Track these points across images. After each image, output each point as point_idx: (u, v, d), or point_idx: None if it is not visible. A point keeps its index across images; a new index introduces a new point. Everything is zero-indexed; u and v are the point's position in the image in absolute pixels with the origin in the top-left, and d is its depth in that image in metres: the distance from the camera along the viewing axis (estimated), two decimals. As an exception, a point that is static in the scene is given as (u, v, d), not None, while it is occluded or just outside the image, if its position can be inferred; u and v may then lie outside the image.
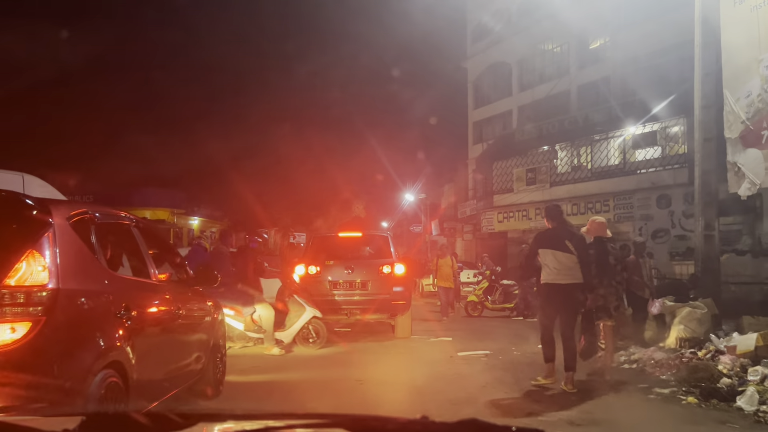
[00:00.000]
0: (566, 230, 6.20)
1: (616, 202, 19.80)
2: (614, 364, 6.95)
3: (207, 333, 5.10)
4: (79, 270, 3.41)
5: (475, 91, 37.31)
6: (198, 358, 4.83)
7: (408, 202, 44.48)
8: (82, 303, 3.35)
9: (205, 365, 5.01)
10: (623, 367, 6.94)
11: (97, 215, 3.83)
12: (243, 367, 7.01)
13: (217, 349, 5.34)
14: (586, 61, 28.69)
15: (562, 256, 5.92)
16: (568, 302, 5.98)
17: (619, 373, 6.70)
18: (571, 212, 21.32)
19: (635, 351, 7.38)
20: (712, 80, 8.98)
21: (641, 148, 20.43)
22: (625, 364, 7.01)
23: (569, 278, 5.90)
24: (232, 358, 6.46)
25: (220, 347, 5.48)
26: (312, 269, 9.52)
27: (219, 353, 5.43)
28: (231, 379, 5.88)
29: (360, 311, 9.52)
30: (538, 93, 31.19)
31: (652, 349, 7.04)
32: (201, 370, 4.94)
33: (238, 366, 6.80)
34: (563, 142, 23.09)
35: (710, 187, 8.98)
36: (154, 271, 4.33)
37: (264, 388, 6.24)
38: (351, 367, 7.34)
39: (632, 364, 6.92)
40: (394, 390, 6.15)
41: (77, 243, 3.45)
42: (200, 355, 4.87)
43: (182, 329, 4.55)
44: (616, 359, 7.13)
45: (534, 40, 32.37)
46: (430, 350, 8.89)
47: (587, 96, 27.61)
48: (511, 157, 24.98)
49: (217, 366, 5.37)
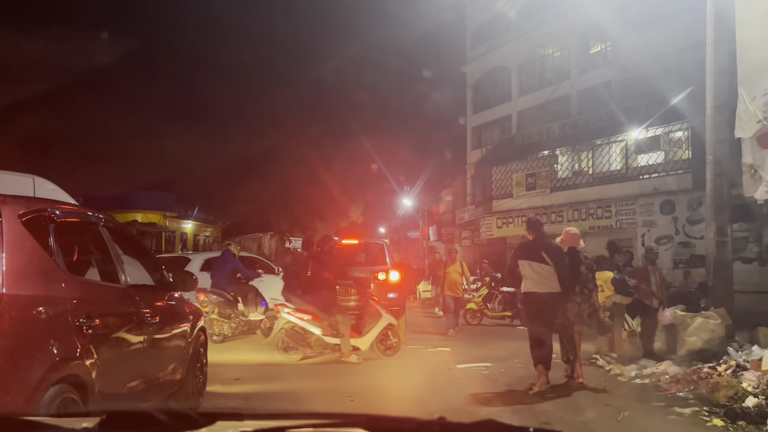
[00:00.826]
0: (543, 242, 6.45)
1: (618, 208, 19.40)
2: (626, 379, 6.53)
3: (185, 341, 4.80)
4: (31, 273, 3.10)
5: (474, 95, 36.97)
6: (175, 368, 4.55)
7: (406, 208, 44.16)
8: (33, 310, 3.00)
9: (185, 375, 4.74)
10: (635, 382, 6.47)
11: (57, 213, 3.52)
12: (226, 377, 6.56)
13: (197, 359, 5.07)
14: (587, 66, 28.36)
15: (538, 267, 6.19)
16: (546, 310, 6.21)
17: (632, 388, 6.25)
18: (572, 218, 20.95)
19: (647, 364, 6.93)
20: (725, 79, 8.60)
21: (644, 153, 20.06)
22: (637, 379, 6.55)
23: (546, 287, 6.15)
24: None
25: (200, 356, 5.21)
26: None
27: (199, 362, 5.17)
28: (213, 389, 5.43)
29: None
30: (537, 98, 30.85)
31: (666, 363, 6.59)
32: (180, 381, 4.65)
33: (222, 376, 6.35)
34: (564, 147, 22.69)
35: (722, 190, 8.57)
36: (124, 275, 4.00)
37: (246, 397, 5.95)
38: (343, 378, 6.91)
39: (644, 379, 6.46)
40: (388, 407, 5.68)
41: (29, 243, 3.13)
42: (177, 366, 4.59)
43: (156, 338, 4.21)
44: (627, 373, 6.70)
45: (534, 45, 32.08)
46: (426, 362, 8.42)
47: (588, 101, 27.27)
48: (510, 162, 24.61)
49: (197, 376, 5.10)
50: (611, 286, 7.66)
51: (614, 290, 7.67)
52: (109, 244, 3.97)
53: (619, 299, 7.72)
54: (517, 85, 33.60)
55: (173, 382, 4.54)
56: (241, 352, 8.77)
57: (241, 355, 8.47)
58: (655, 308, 7.91)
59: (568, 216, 21.16)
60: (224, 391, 6.08)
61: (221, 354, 8.06)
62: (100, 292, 3.78)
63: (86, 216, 4.02)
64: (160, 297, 4.55)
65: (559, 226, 21.46)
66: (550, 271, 6.12)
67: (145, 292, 4.28)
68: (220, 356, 7.60)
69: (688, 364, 6.50)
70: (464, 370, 7.57)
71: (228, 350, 8.87)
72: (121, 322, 3.80)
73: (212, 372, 5.60)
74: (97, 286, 3.84)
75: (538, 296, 6.17)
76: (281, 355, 8.04)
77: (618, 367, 7.02)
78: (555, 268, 6.13)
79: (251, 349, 8.99)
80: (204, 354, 5.34)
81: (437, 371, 7.50)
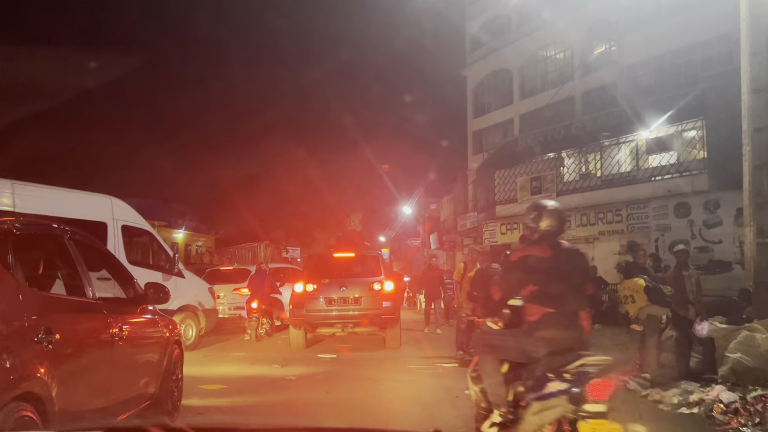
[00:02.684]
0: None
1: (629, 212, 18.37)
2: (668, 407, 5.48)
3: (158, 355, 4.76)
4: None
5: (474, 99, 36.10)
6: (147, 383, 4.53)
7: (405, 215, 43.19)
8: None
9: (159, 390, 4.71)
10: (681, 412, 5.38)
11: (17, 225, 3.60)
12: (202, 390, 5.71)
13: (171, 372, 4.99)
14: (591, 67, 27.48)
15: None
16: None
17: (680, 421, 5.18)
18: (581, 223, 19.94)
19: (689, 387, 5.84)
20: (761, 60, 7.62)
21: (655, 153, 19.06)
22: (683, 407, 5.44)
23: None
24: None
25: (175, 369, 5.13)
26: (309, 287, 10.32)
27: (174, 376, 5.08)
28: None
29: (353, 324, 10.26)
30: (540, 100, 29.98)
31: (719, 388, 5.48)
32: (153, 395, 4.62)
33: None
34: (570, 149, 21.70)
35: (762, 185, 7.56)
36: (91, 288, 3.92)
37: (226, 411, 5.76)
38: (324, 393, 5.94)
39: (692, 408, 5.36)
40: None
41: None
42: (149, 380, 4.57)
43: (125, 352, 4.18)
44: (669, 399, 5.63)
45: (535, 47, 31.26)
46: (429, 386, 7.36)
47: (592, 102, 26.37)
48: (514, 166, 23.61)
49: (172, 390, 5.03)
50: (644, 295, 6.61)
51: (648, 300, 6.62)
52: (75, 257, 3.92)
53: (655, 311, 6.66)
54: (519, 88, 32.74)
55: (146, 396, 4.51)
56: (224, 365, 8.67)
57: (225, 368, 8.33)
58: (691, 319, 6.84)
59: (576, 221, 20.12)
60: (201, 404, 5.84)
61: (200, 366, 7.83)
62: (63, 306, 3.71)
63: (50, 229, 3.97)
64: (131, 310, 4.52)
65: (567, 231, 20.46)
66: None
67: (114, 306, 4.28)
68: (200, 368, 7.43)
69: (743, 390, 5.42)
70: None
71: (213, 362, 8.88)
72: (87, 336, 3.76)
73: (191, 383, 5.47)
74: (61, 300, 3.78)
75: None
76: None
77: (656, 392, 5.91)
78: None
79: (231, 361, 8.98)
80: (179, 367, 5.26)
81: (441, 399, 6.45)
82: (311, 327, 10.40)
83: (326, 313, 10.25)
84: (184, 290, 10.12)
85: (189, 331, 10.14)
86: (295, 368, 8.32)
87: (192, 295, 10.43)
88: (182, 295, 9.93)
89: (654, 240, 17.45)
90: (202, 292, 10.93)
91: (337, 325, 10.35)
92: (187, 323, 10.09)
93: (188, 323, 10.13)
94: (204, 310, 10.58)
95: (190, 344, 9.88)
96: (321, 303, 10.28)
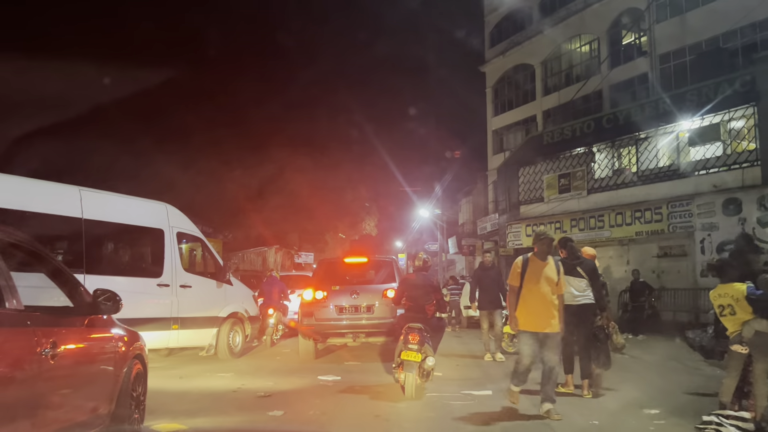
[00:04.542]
0: (576, 257, 6.91)
1: (670, 210, 16.64)
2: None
3: (110, 373, 4.25)
4: None
5: (494, 96, 34.58)
6: (94, 407, 4.03)
7: (422, 219, 41.65)
8: None
9: (113, 410, 4.22)
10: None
11: None
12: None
13: (130, 392, 4.52)
14: (620, 58, 25.82)
15: (574, 281, 6.68)
16: (584, 320, 6.70)
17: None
18: (615, 222, 18.26)
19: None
20: None
21: (698, 145, 17.33)
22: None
23: (584, 299, 6.74)
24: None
25: (135, 388, 4.67)
26: (319, 294, 9.81)
27: (135, 393, 4.63)
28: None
29: (366, 335, 9.70)
30: (564, 96, 28.44)
31: None
32: (107, 416, 4.16)
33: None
34: (602, 143, 20.00)
35: None
36: (14, 297, 3.33)
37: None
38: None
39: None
40: None
41: None
42: (98, 404, 4.08)
43: (58, 373, 3.57)
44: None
45: (559, 39, 29.67)
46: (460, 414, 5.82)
47: (622, 96, 24.71)
48: (539, 162, 21.97)
49: (131, 413, 4.56)
50: (747, 306, 4.93)
51: (753, 312, 4.94)
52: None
53: (766, 326, 4.97)
54: (542, 83, 31.19)
55: (97, 419, 4.07)
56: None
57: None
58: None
59: (610, 220, 18.44)
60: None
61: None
62: None
63: None
64: (72, 322, 4.03)
65: (600, 232, 18.79)
66: (586, 283, 6.75)
67: (47, 318, 3.75)
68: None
69: None
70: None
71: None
72: (4, 352, 3.24)
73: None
74: None
75: (577, 307, 6.61)
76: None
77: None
78: (589, 281, 6.75)
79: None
80: (142, 385, 4.80)
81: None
82: (321, 337, 9.88)
83: (336, 323, 9.69)
84: (233, 297, 10.29)
85: (236, 338, 10.27)
86: (287, 394, 6.90)
87: (239, 302, 10.47)
88: (231, 302, 10.17)
89: (700, 241, 15.73)
90: (248, 300, 10.96)
91: (348, 335, 9.77)
92: (235, 330, 10.23)
93: (236, 330, 10.26)
94: (249, 317, 10.68)
95: (237, 351, 10.19)
96: (331, 311, 9.71)
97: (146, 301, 8.39)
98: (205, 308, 9.55)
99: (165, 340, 8.77)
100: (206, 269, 10.18)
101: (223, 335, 9.87)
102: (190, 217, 10.13)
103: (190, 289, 9.13)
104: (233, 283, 10.49)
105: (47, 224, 7.32)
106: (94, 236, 7.77)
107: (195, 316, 9.22)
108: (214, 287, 9.81)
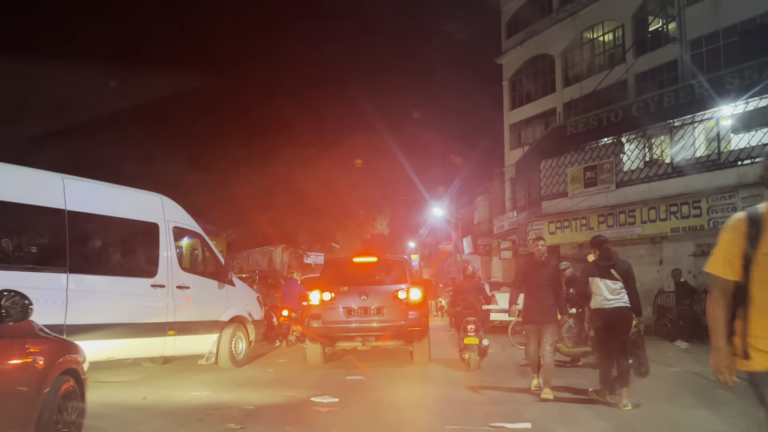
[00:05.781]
0: (611, 258, 6.46)
1: (710, 204, 15.14)
2: None
3: (23, 394, 3.73)
4: None
5: (511, 89, 33.11)
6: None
7: (437, 218, 40.25)
8: None
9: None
10: None
11: None
12: None
13: (51, 417, 3.92)
14: (647, 45, 24.27)
15: (610, 283, 6.34)
16: (620, 324, 6.35)
17: None
18: (648, 218, 16.76)
19: None
20: None
21: (741, 132, 15.78)
22: None
23: (619, 302, 6.30)
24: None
25: (64, 407, 4.09)
26: (326, 295, 9.41)
27: (55, 421, 3.99)
28: None
29: (375, 338, 9.36)
30: (586, 87, 26.91)
31: None
32: None
33: None
34: (631, 132, 18.49)
35: None
36: None
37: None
38: None
39: None
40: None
41: None
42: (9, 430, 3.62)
43: None
44: None
45: (579, 27, 28.16)
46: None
47: (648, 86, 23.15)
48: (562, 155, 20.50)
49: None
50: None
51: None
52: None
53: None
54: (562, 74, 29.66)
55: None
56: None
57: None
58: None
59: (642, 216, 16.95)
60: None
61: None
62: None
63: None
64: None
65: (631, 229, 17.28)
66: (620, 286, 6.31)
67: None
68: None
69: None
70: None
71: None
72: None
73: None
74: None
75: (614, 311, 6.27)
76: None
77: None
78: (624, 283, 6.32)
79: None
80: (76, 405, 4.24)
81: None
82: (329, 341, 9.53)
83: (345, 325, 9.28)
84: (236, 300, 9.56)
85: (239, 345, 9.43)
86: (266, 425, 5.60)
87: (242, 305, 9.73)
88: (234, 305, 9.43)
89: (745, 237, 14.19)
90: (252, 302, 10.22)
91: (357, 339, 9.41)
92: (238, 336, 9.38)
93: (239, 336, 9.41)
94: (253, 321, 9.85)
95: (240, 359, 9.32)
96: (339, 314, 9.30)
97: (138, 303, 7.52)
98: (204, 312, 8.69)
99: (160, 347, 7.87)
100: (206, 269, 9.33)
101: (225, 342, 8.97)
102: (192, 214, 9.18)
103: (188, 290, 8.31)
104: (236, 284, 9.77)
105: (23, 216, 6.37)
106: (79, 230, 6.90)
107: (193, 320, 8.39)
108: (214, 288, 9.07)
